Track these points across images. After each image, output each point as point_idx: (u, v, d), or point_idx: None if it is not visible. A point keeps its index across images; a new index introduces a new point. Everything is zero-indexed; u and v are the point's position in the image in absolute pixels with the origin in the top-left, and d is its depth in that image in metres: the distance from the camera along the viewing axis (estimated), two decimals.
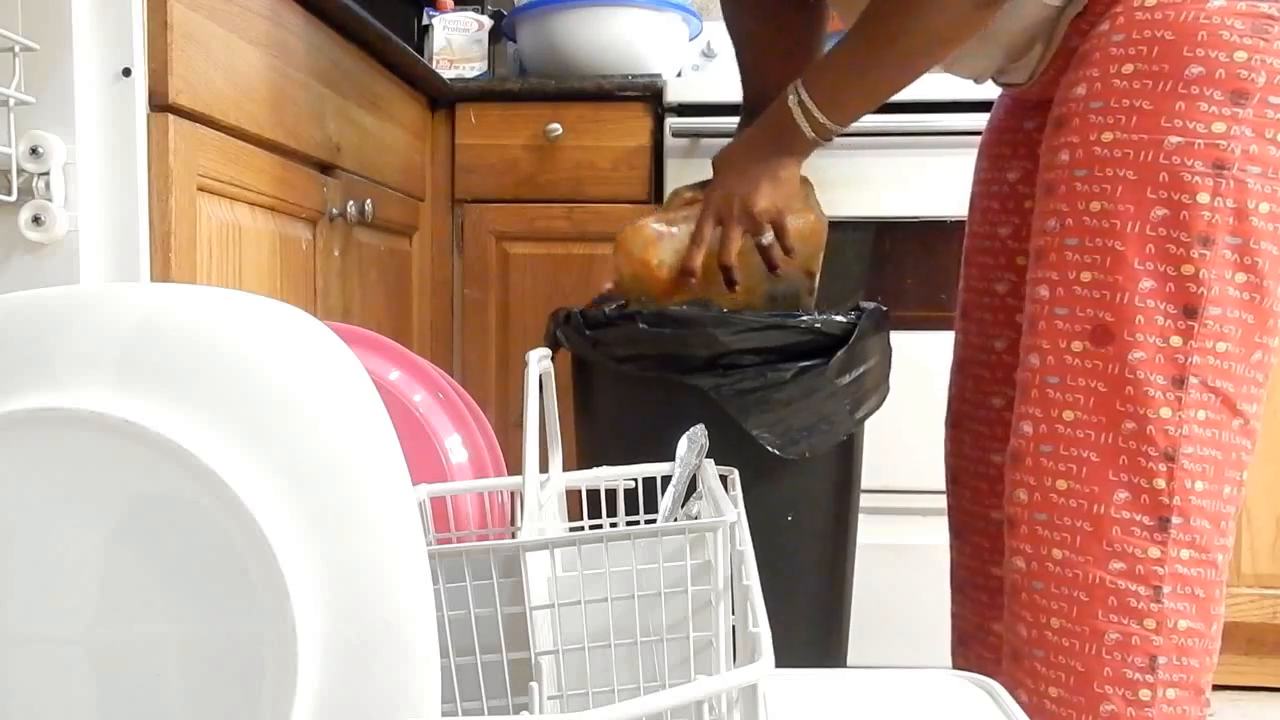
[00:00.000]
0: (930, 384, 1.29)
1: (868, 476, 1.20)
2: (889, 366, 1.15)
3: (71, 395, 0.42)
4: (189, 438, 0.41)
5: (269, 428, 0.42)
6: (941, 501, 1.19)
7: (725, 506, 0.61)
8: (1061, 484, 0.90)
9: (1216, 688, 1.69)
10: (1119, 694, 0.87)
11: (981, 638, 1.13)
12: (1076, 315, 0.91)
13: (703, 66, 2.23)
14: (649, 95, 1.78)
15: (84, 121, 0.90)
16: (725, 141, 1.34)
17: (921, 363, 1.41)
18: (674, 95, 1.75)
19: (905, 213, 1.69)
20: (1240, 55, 0.86)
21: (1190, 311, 0.87)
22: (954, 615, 1.18)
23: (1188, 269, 0.87)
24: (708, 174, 1.14)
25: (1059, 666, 0.90)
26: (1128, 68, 0.89)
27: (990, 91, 1.17)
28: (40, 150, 0.87)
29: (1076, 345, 0.90)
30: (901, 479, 1.64)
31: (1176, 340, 0.87)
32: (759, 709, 0.44)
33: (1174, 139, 0.87)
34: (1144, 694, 0.88)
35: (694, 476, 0.74)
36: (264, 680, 0.41)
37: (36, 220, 0.87)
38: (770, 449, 1.03)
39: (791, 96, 1.04)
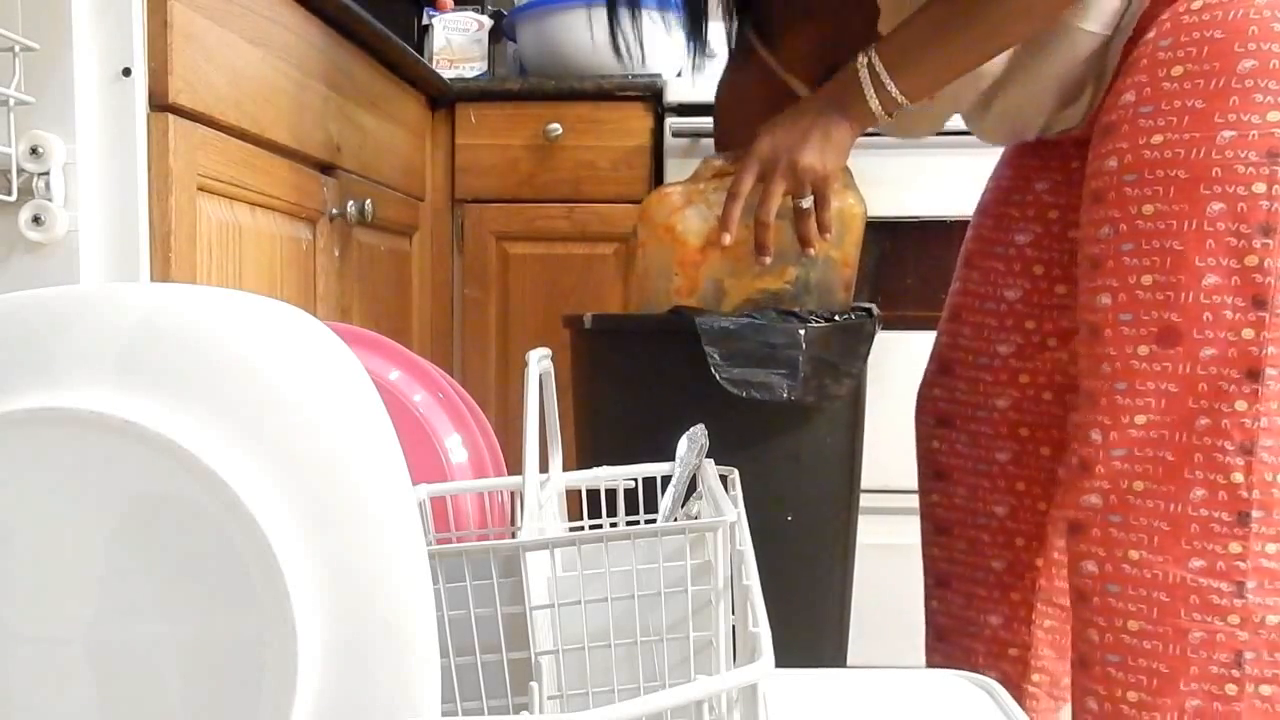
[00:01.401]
0: None
1: (868, 476, 1.20)
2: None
3: (71, 395, 0.42)
4: (189, 438, 0.41)
5: (269, 428, 0.42)
6: None
7: (725, 506, 0.61)
8: (1138, 485, 0.89)
9: None
10: (1205, 690, 0.86)
11: (971, 631, 1.14)
12: (1141, 319, 0.90)
13: (703, 66, 2.23)
14: (649, 95, 1.78)
15: (84, 121, 0.90)
16: None
17: (921, 362, 1.41)
18: (674, 95, 1.75)
19: (905, 213, 1.69)
20: None
21: (1260, 302, 0.86)
22: (933, 611, 1.18)
23: (1251, 260, 0.86)
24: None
25: (1139, 670, 0.88)
26: (1177, 70, 0.89)
27: None
28: (40, 150, 0.87)
29: (1143, 349, 0.89)
30: (901, 479, 1.63)
31: (1249, 333, 0.86)
32: (759, 709, 0.44)
33: (1227, 133, 0.86)
34: (1230, 689, 0.86)
35: (694, 476, 0.74)
36: (264, 680, 0.41)
37: (36, 220, 0.87)
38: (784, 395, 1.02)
39: (862, 58, 0.99)
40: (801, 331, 1.02)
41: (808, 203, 1.03)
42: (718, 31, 2.34)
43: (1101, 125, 0.95)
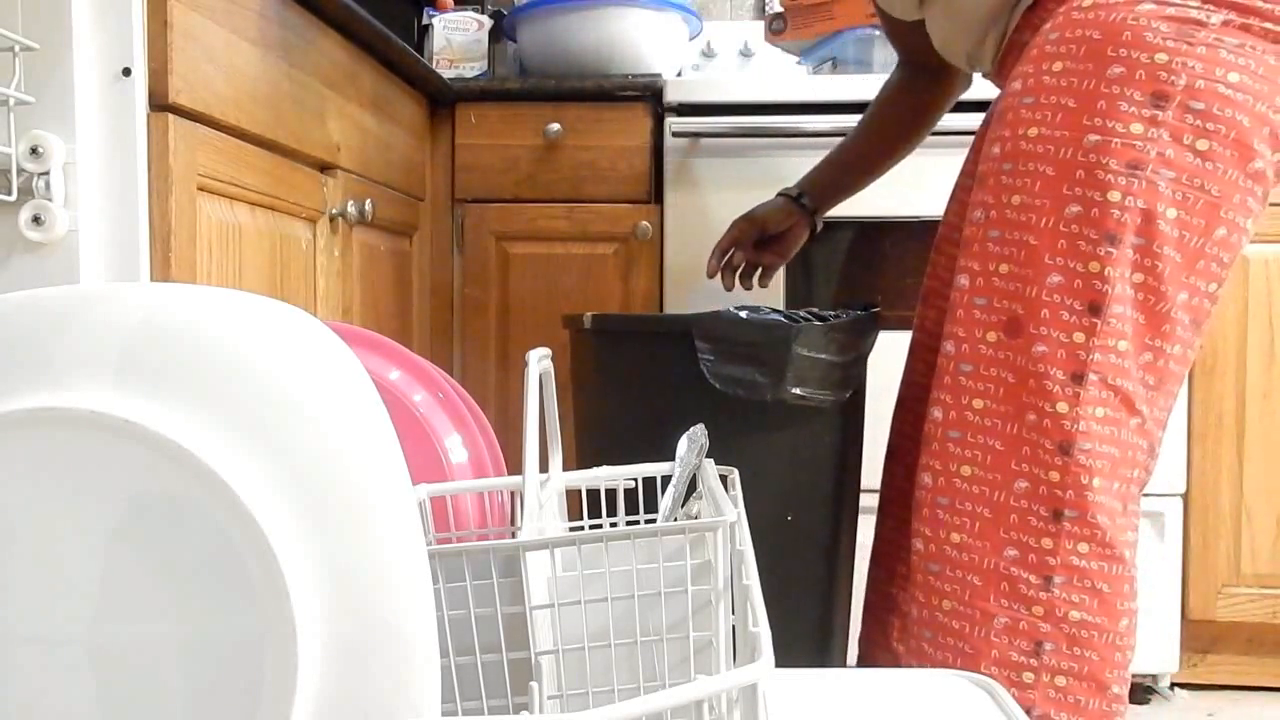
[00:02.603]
0: None
1: (868, 476, 1.20)
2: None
3: (71, 395, 0.42)
4: (189, 438, 0.41)
5: (269, 428, 0.42)
6: None
7: (725, 506, 0.61)
8: (966, 470, 0.92)
9: (1217, 688, 1.70)
10: (1004, 675, 0.89)
11: (889, 606, 1.14)
12: (993, 306, 0.92)
13: (703, 66, 2.23)
14: (649, 95, 1.78)
15: (84, 121, 0.90)
16: (726, 141, 1.39)
17: None
18: (674, 95, 1.75)
19: (905, 213, 1.69)
20: (1161, 57, 0.86)
21: (1095, 309, 0.88)
22: (867, 589, 1.20)
23: (1094, 266, 0.88)
24: (708, 173, 1.14)
25: (946, 647, 0.92)
26: (1058, 65, 0.90)
27: (990, 91, 1.17)
28: (40, 150, 0.87)
29: (991, 335, 0.92)
30: None
31: (1079, 336, 0.89)
32: (759, 709, 0.44)
33: (1093, 137, 0.88)
34: (1027, 676, 0.90)
35: (694, 476, 0.74)
36: (264, 680, 0.41)
37: (36, 220, 0.87)
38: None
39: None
40: (790, 332, 1.02)
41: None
42: (718, 31, 2.34)
43: (992, 111, 0.98)
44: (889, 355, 1.19)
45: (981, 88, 1.24)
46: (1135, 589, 0.92)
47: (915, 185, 1.67)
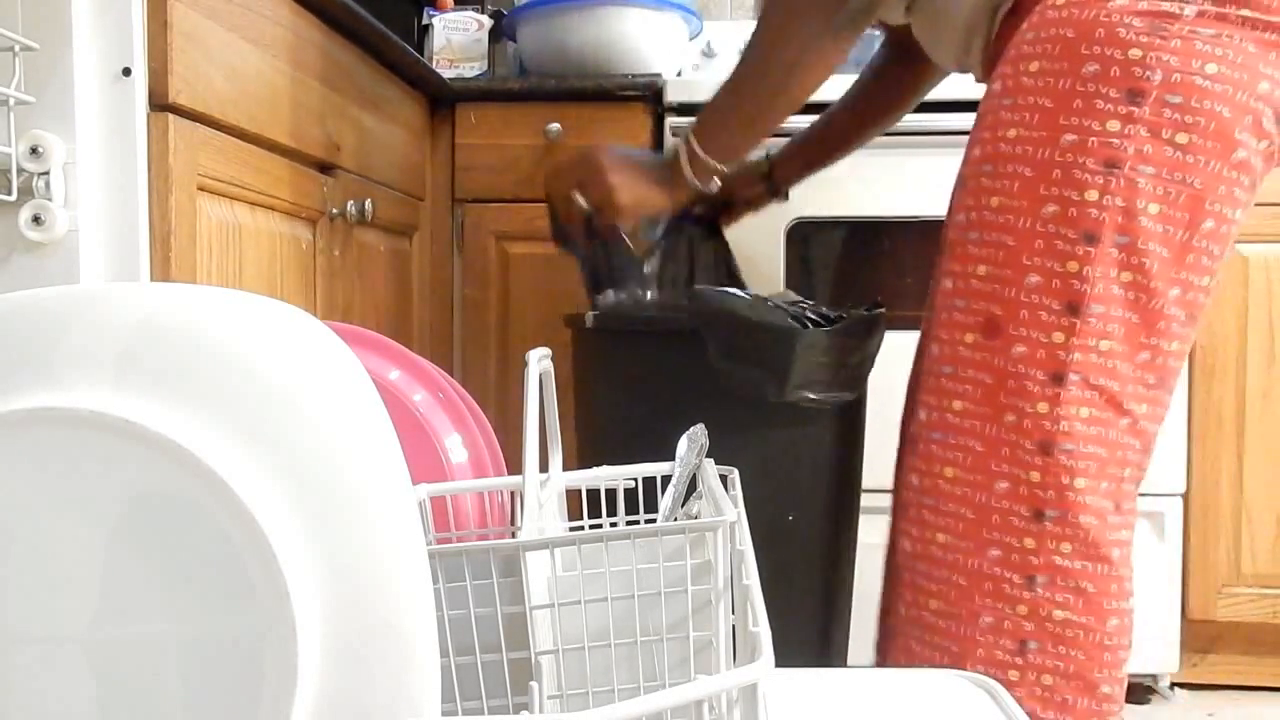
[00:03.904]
0: None
1: (868, 476, 1.20)
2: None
3: (71, 395, 0.42)
4: (189, 437, 0.41)
5: (269, 428, 0.42)
6: None
7: (725, 506, 0.61)
8: (949, 471, 0.93)
9: (1216, 688, 1.70)
10: (990, 672, 0.88)
11: None
12: (972, 308, 0.92)
13: (703, 66, 2.23)
14: (649, 95, 1.78)
15: (84, 121, 0.90)
16: None
17: None
18: (674, 95, 1.75)
19: (905, 213, 1.69)
20: (1135, 53, 0.86)
21: (1073, 309, 0.88)
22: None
23: (1072, 266, 0.88)
24: None
25: (934, 646, 0.93)
26: (1034, 65, 0.90)
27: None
28: (40, 150, 0.87)
29: (969, 337, 0.92)
30: None
31: (1059, 336, 0.89)
32: (759, 709, 0.44)
33: (1069, 137, 0.88)
34: (1013, 674, 0.90)
35: (694, 476, 0.74)
36: (264, 680, 0.41)
37: (36, 220, 0.87)
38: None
39: (680, 141, 1.09)
40: (799, 334, 1.02)
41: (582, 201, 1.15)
42: (718, 31, 2.34)
43: (978, 113, 0.97)
44: (889, 355, 1.18)
45: (977, 89, 1.24)
46: (1127, 588, 0.92)
47: (915, 185, 1.67)
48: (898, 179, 1.67)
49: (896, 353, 1.20)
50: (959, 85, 1.29)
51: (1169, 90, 0.86)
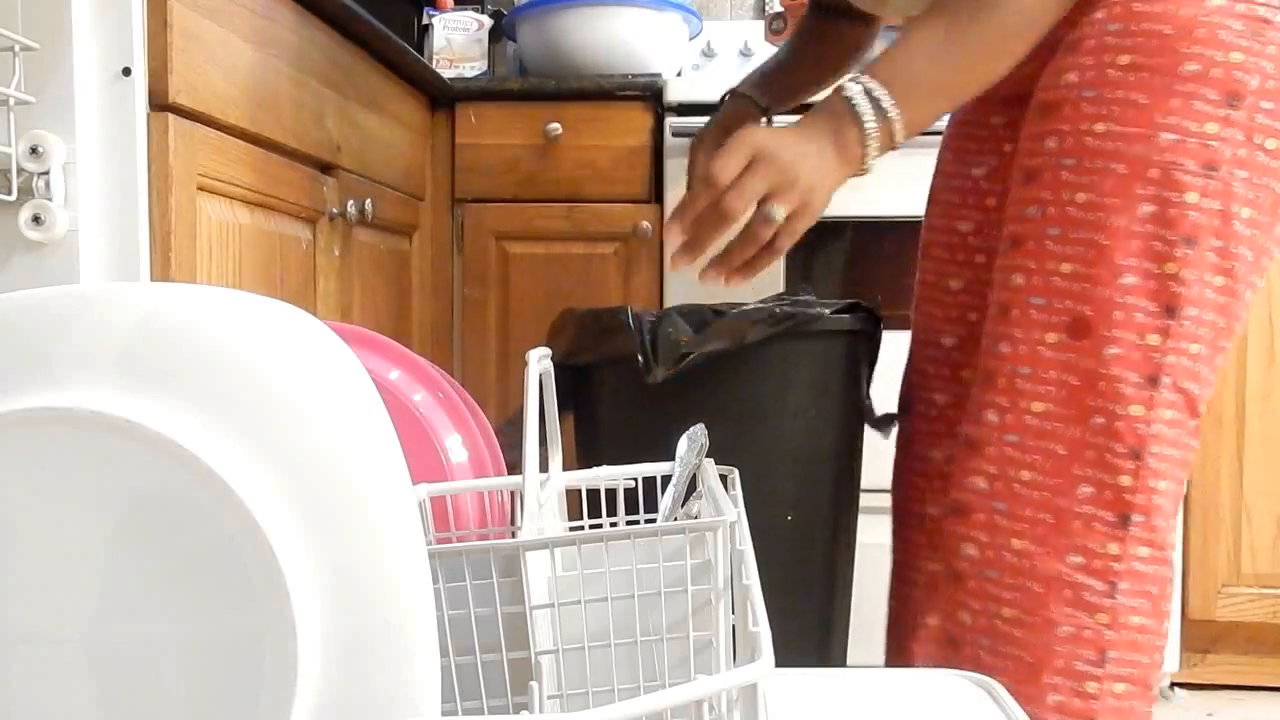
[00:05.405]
0: None
1: (868, 476, 1.20)
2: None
3: (71, 394, 0.42)
4: (189, 437, 0.41)
5: (269, 428, 0.42)
6: None
7: (725, 506, 0.61)
8: (1025, 474, 0.89)
9: (1216, 688, 1.71)
10: (1067, 685, 0.88)
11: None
12: (1054, 306, 0.89)
13: (703, 66, 2.23)
14: (649, 95, 1.78)
15: (84, 121, 0.90)
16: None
17: None
18: (674, 95, 1.75)
19: (905, 213, 1.69)
20: (1236, 56, 0.86)
21: (1170, 311, 0.87)
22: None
23: (1170, 268, 0.87)
24: None
25: (1006, 656, 0.90)
26: (1124, 59, 0.88)
27: None
28: (40, 150, 0.87)
29: (1051, 337, 0.89)
30: None
31: (1154, 339, 0.87)
32: (759, 709, 0.44)
33: (1168, 136, 0.86)
34: (1091, 686, 0.88)
35: (694, 476, 0.74)
36: (264, 680, 0.41)
37: (36, 220, 0.87)
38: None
39: (853, 87, 0.89)
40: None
41: (780, 212, 0.90)
42: (718, 31, 2.33)
43: (1039, 103, 0.93)
44: (888, 355, 1.18)
45: None
46: (1173, 589, 0.92)
47: (914, 185, 1.67)
48: (898, 179, 1.67)
49: (896, 352, 1.20)
50: None
51: (1264, 96, 0.86)
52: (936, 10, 0.91)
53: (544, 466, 0.73)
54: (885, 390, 1.18)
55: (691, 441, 0.76)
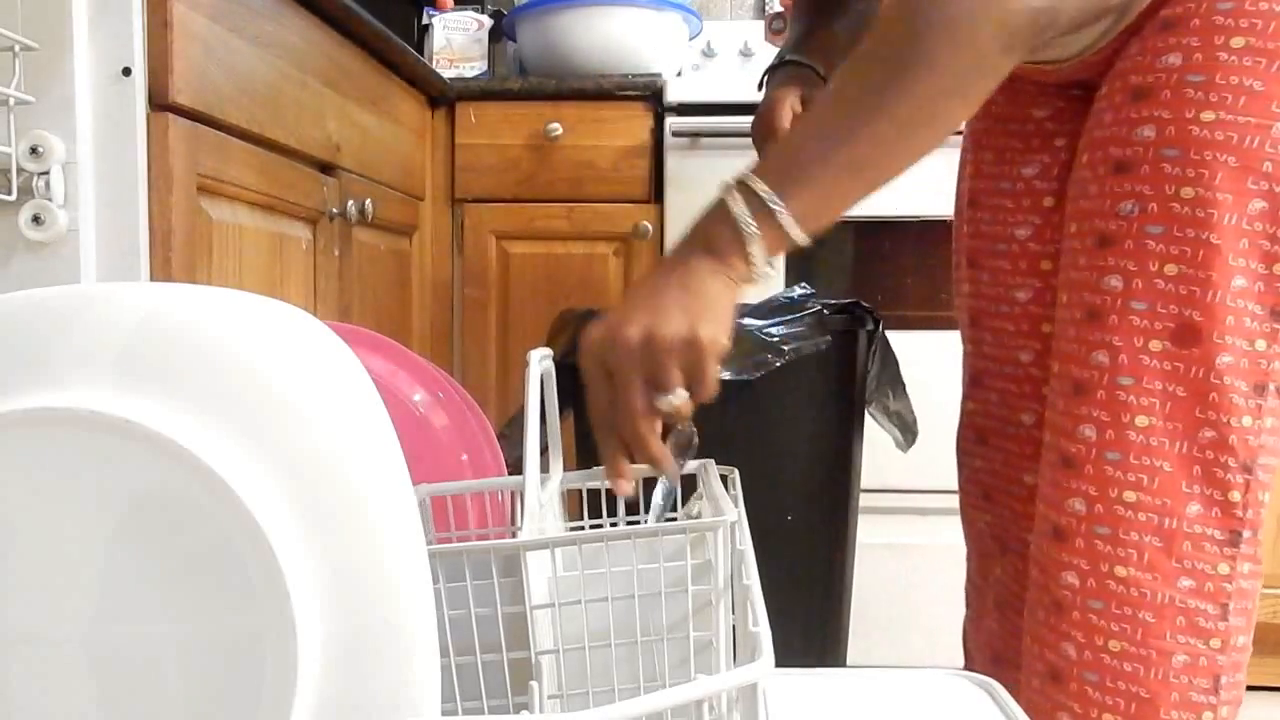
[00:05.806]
0: (929, 383, 1.29)
1: (868, 476, 1.20)
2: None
3: (71, 394, 0.42)
4: (189, 437, 0.41)
5: (269, 427, 0.42)
6: (940, 501, 1.19)
7: (725, 506, 0.61)
8: (1130, 495, 0.83)
9: None
10: (1185, 717, 0.83)
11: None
12: (1158, 312, 0.82)
13: (703, 66, 2.23)
14: (649, 95, 1.78)
15: (84, 121, 0.90)
16: (726, 141, 1.32)
17: (920, 362, 1.41)
18: (674, 95, 1.75)
19: (905, 213, 1.69)
20: None
21: (1276, 314, 0.81)
22: (983, 633, 1.09)
23: (1279, 268, 0.81)
24: (708, 173, 1.13)
25: (1117, 692, 0.84)
26: (1238, 41, 0.80)
27: None
28: (40, 150, 0.87)
29: (1156, 344, 0.82)
30: (901, 479, 1.64)
31: (1261, 344, 0.81)
32: (759, 708, 0.44)
33: None
34: (1207, 716, 0.84)
35: (694, 476, 0.74)
36: (264, 680, 0.41)
37: (36, 220, 0.87)
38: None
39: (727, 183, 0.76)
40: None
41: (674, 396, 0.72)
42: (718, 31, 2.33)
43: (1130, 86, 0.85)
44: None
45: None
46: None
47: (914, 185, 1.67)
48: (901, 179, 1.67)
49: (896, 352, 1.20)
50: None
51: None
52: (848, 70, 0.77)
53: (544, 466, 0.73)
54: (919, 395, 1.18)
55: (677, 441, 0.75)
